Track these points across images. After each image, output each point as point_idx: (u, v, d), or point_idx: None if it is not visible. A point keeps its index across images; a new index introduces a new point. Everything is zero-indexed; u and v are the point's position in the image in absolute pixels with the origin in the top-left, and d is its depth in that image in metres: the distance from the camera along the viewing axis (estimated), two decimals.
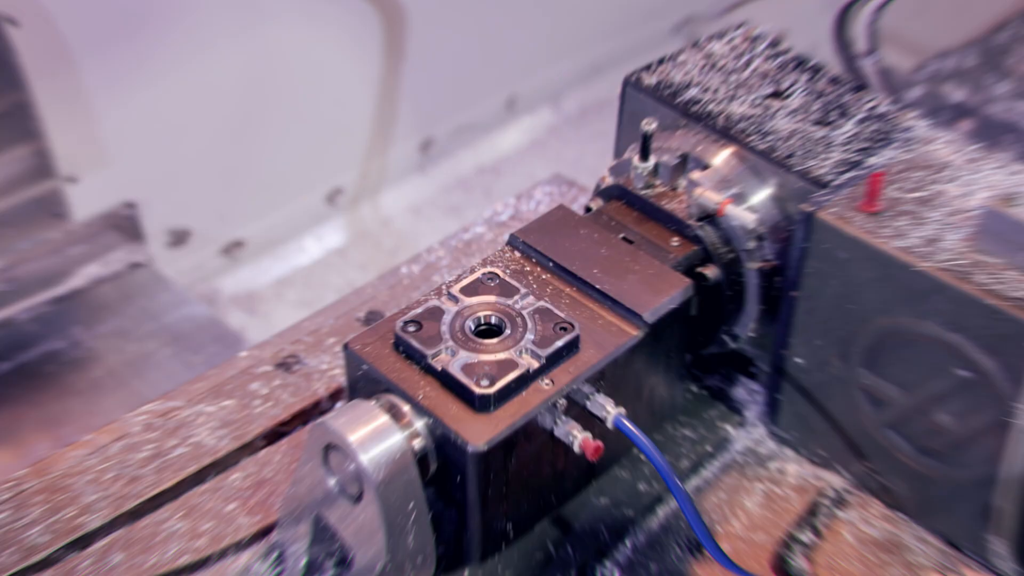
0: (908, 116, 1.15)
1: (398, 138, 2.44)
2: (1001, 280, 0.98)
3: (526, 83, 2.60)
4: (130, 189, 2.04)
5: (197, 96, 2.06)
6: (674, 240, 1.14)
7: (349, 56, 2.28)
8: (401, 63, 2.36)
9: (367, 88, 2.35)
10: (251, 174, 2.23)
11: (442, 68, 2.43)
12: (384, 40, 2.31)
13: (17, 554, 1.13)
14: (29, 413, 1.76)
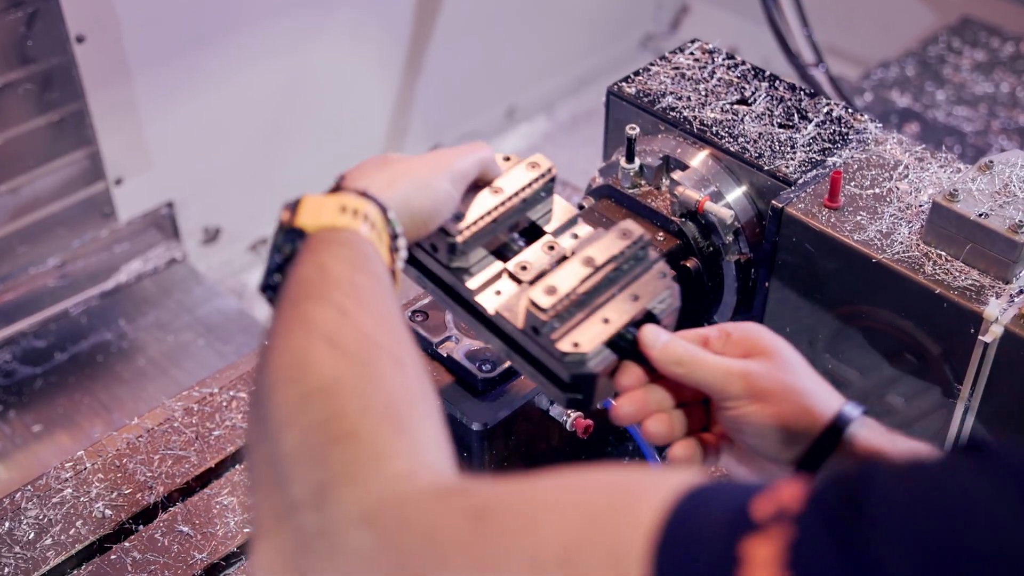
0: (861, 119, 1.15)
1: (410, 143, 2.45)
2: (947, 271, 0.98)
3: (523, 95, 2.62)
4: (169, 190, 2.05)
5: (234, 106, 2.07)
6: (659, 235, 1.14)
7: (374, 72, 2.30)
8: (417, 78, 2.37)
9: (385, 100, 2.36)
10: (279, 177, 2.24)
11: (450, 82, 2.44)
12: (406, 58, 2.33)
13: (87, 525, 1.14)
14: (83, 399, 1.77)
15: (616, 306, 0.83)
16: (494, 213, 0.87)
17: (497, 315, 0.85)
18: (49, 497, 1.17)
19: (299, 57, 2.12)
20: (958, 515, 0.45)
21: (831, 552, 0.45)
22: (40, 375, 1.80)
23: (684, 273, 1.13)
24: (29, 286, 1.91)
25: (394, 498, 0.58)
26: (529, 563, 0.52)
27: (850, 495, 0.47)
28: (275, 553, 0.61)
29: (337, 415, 0.62)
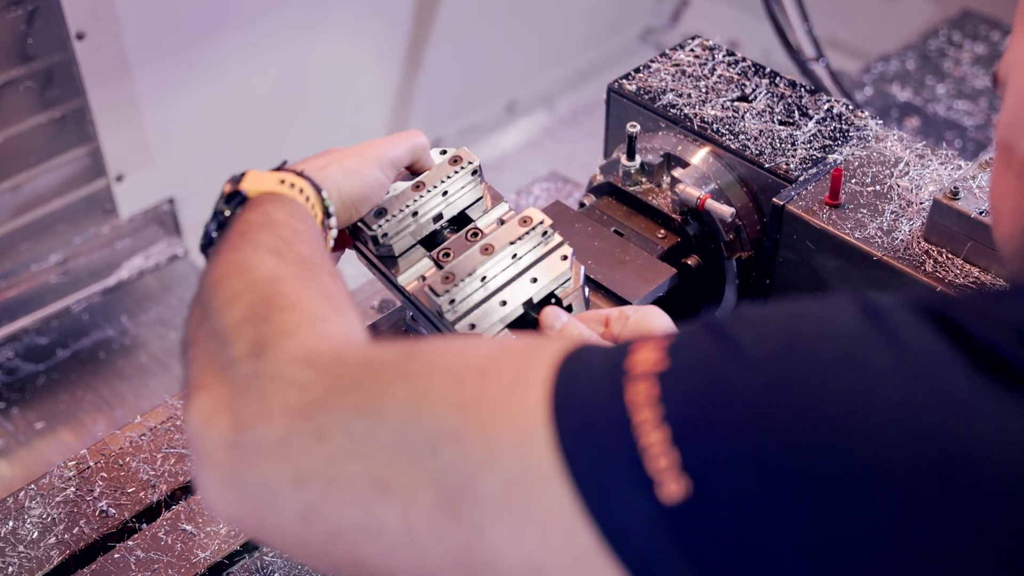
0: (862, 116, 1.15)
1: None
2: (948, 268, 0.98)
3: (524, 89, 2.61)
4: (171, 186, 2.04)
5: (235, 102, 2.07)
6: (660, 232, 1.14)
7: (374, 67, 2.30)
8: (417, 73, 2.37)
9: (385, 94, 2.36)
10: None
11: (451, 77, 2.44)
12: (406, 53, 2.32)
13: (91, 524, 1.14)
14: (86, 396, 1.77)
15: (515, 289, 0.89)
16: (413, 205, 0.94)
17: (415, 297, 0.92)
18: (52, 496, 1.17)
19: (299, 52, 2.11)
20: (814, 322, 0.53)
21: (703, 338, 0.53)
22: (42, 372, 1.80)
23: (685, 270, 1.13)
24: (31, 283, 1.91)
25: (331, 346, 0.64)
26: (449, 371, 0.59)
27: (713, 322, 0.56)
28: (209, 402, 0.64)
29: (280, 293, 0.69)
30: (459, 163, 0.96)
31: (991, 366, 0.49)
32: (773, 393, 0.50)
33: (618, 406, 0.52)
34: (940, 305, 0.52)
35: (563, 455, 0.52)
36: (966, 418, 0.48)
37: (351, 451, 0.58)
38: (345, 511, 0.59)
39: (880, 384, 0.49)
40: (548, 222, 0.92)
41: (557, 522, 0.52)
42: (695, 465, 0.49)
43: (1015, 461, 0.46)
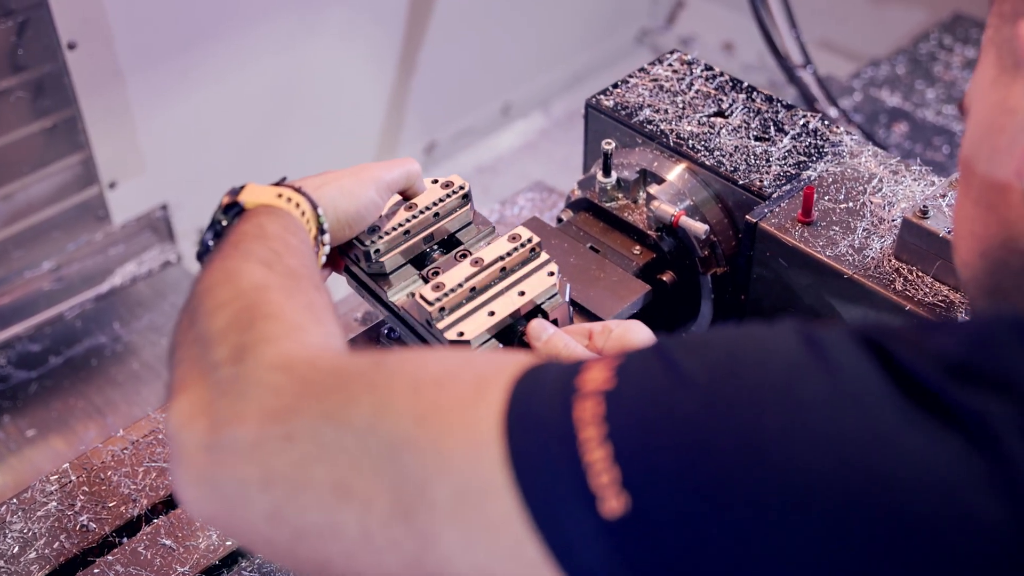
0: (837, 131, 1.15)
1: (405, 141, 2.45)
2: (917, 287, 0.98)
3: (519, 92, 2.61)
4: (163, 193, 2.05)
5: (228, 108, 2.08)
6: (636, 249, 1.15)
7: (368, 70, 2.30)
8: (412, 76, 2.37)
9: (379, 98, 2.36)
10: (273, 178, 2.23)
11: (446, 79, 2.44)
12: (400, 56, 2.33)
13: (71, 539, 1.15)
14: (77, 403, 1.79)
15: (503, 300, 0.93)
16: (406, 225, 0.98)
17: (403, 310, 0.96)
18: (34, 511, 1.18)
19: (292, 57, 2.12)
20: (755, 349, 0.54)
21: (651, 360, 0.55)
22: (35, 379, 1.81)
23: (660, 287, 1.13)
24: (24, 290, 1.92)
25: (308, 354, 0.67)
26: (411, 382, 0.61)
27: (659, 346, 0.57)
28: (189, 403, 0.66)
29: (264, 302, 0.72)
30: (450, 187, 1.00)
31: (918, 397, 0.50)
32: (710, 416, 0.52)
33: (566, 423, 0.54)
34: (878, 335, 0.54)
35: (513, 468, 0.54)
36: (890, 448, 0.49)
37: (317, 455, 0.61)
38: (309, 513, 0.61)
39: (812, 412, 0.51)
40: (536, 240, 0.96)
41: (506, 533, 0.54)
42: (634, 482, 0.51)
43: (933, 492, 0.48)
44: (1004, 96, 0.61)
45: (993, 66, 0.63)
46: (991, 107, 0.63)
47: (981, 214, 0.64)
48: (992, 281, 0.64)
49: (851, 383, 0.51)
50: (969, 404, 0.49)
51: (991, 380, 0.50)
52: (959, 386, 0.50)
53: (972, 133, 0.65)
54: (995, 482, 0.47)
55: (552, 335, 0.92)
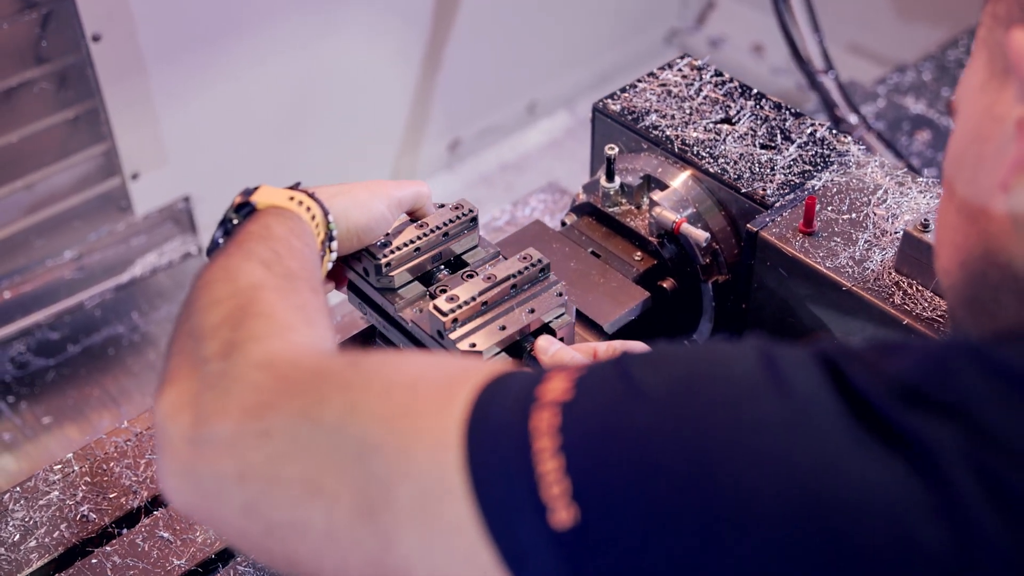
0: (845, 141, 1.14)
1: (429, 138, 2.46)
2: (916, 301, 0.97)
3: (545, 90, 2.61)
4: (186, 185, 2.07)
5: (251, 101, 2.09)
6: (637, 255, 1.14)
7: (393, 66, 2.30)
8: (437, 73, 2.37)
9: (403, 94, 2.37)
10: (295, 170, 2.25)
11: (471, 77, 2.44)
12: (425, 54, 2.33)
13: (72, 528, 1.16)
14: (93, 392, 1.81)
15: (513, 316, 0.96)
16: (417, 242, 1.00)
17: (412, 324, 0.98)
18: (36, 499, 1.19)
19: (316, 51, 2.13)
20: (712, 367, 0.54)
21: (610, 372, 0.55)
22: (52, 367, 1.83)
23: (660, 293, 1.13)
24: (46, 278, 1.95)
25: (292, 354, 0.68)
26: (383, 384, 0.62)
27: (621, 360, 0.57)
28: (177, 395, 0.68)
29: (258, 300, 0.73)
30: (460, 209, 1.04)
31: (869, 420, 0.50)
32: (661, 433, 0.52)
33: (522, 431, 0.54)
34: (836, 356, 0.53)
35: (471, 474, 0.55)
36: (836, 472, 0.49)
37: (290, 452, 0.62)
38: (280, 509, 0.62)
39: (761, 433, 0.50)
40: (546, 261, 0.99)
41: (462, 539, 0.54)
42: (584, 495, 0.51)
43: (877, 518, 0.47)
44: (992, 102, 0.60)
45: (984, 68, 0.61)
46: (979, 113, 0.61)
47: (962, 224, 0.62)
48: (970, 292, 0.63)
49: (802, 404, 0.51)
50: (917, 430, 0.48)
51: (942, 406, 0.49)
52: (909, 411, 0.49)
53: (958, 139, 0.63)
54: (938, 510, 0.46)
55: (558, 350, 0.94)
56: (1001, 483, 0.46)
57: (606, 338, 1.06)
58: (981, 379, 0.50)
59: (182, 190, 2.07)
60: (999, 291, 0.60)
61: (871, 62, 2.43)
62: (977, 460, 0.47)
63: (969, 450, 0.47)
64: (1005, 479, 0.46)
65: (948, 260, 0.65)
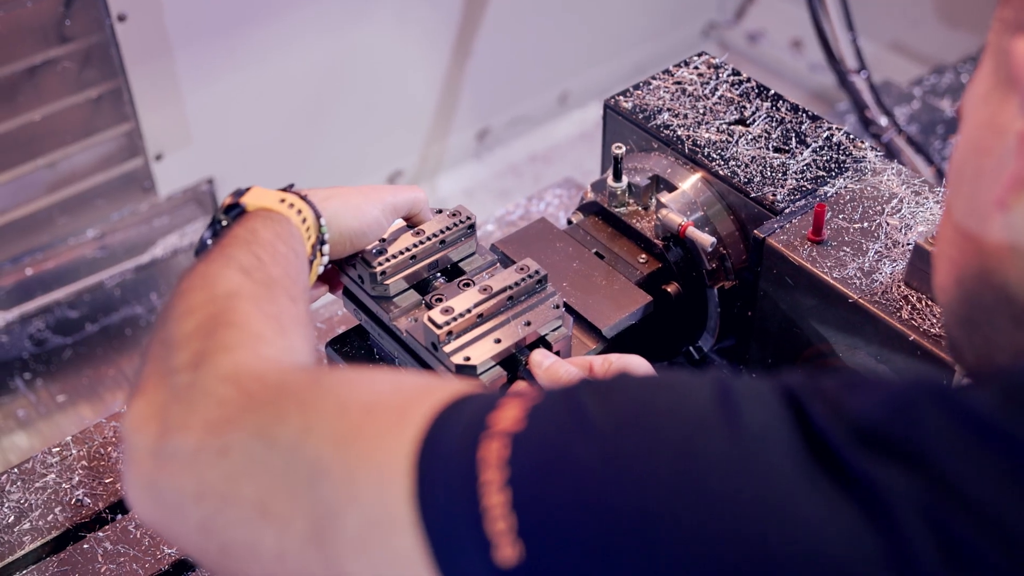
0: (862, 146, 1.10)
1: (457, 127, 2.44)
2: (924, 316, 0.94)
3: (578, 80, 2.57)
4: (210, 167, 2.07)
5: (277, 84, 2.08)
6: (641, 257, 1.11)
7: (422, 53, 2.28)
8: (467, 61, 2.35)
9: (432, 81, 2.35)
10: (320, 155, 2.25)
11: (502, 65, 2.42)
12: (455, 41, 2.31)
13: (66, 512, 1.16)
14: (108, 372, 1.81)
15: (509, 329, 0.94)
16: (413, 250, 0.98)
17: (407, 334, 0.96)
18: (33, 481, 1.19)
19: (344, 36, 2.11)
20: (665, 400, 0.53)
21: (561, 404, 0.54)
22: (70, 345, 1.84)
23: (664, 298, 1.10)
24: (68, 256, 1.95)
25: (260, 367, 0.67)
26: (339, 405, 0.60)
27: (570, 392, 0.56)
28: (146, 406, 0.67)
29: (232, 310, 0.71)
30: (457, 216, 1.02)
31: (825, 461, 0.48)
32: (607, 469, 0.50)
33: (470, 462, 0.52)
34: (800, 391, 0.51)
35: (418, 504, 0.53)
36: (783, 516, 0.46)
37: (246, 471, 0.61)
38: (234, 529, 0.61)
39: (708, 471, 0.48)
40: (543, 272, 0.97)
41: (408, 570, 0.53)
42: (529, 532, 0.49)
43: (824, 567, 0.45)
44: (995, 113, 0.56)
45: (990, 76, 0.58)
46: (981, 124, 0.57)
47: (959, 240, 0.59)
48: (965, 312, 0.60)
49: (754, 442, 0.48)
50: (873, 475, 0.45)
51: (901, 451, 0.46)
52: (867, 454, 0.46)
53: (959, 150, 0.60)
54: (888, 561, 0.43)
55: (553, 363, 0.92)
56: (954, 536, 0.44)
57: (605, 342, 1.04)
58: (944, 425, 0.47)
59: (206, 172, 2.07)
60: (994, 313, 0.57)
61: (914, 62, 2.37)
62: (932, 511, 0.44)
63: (925, 500, 0.44)
64: (959, 533, 0.44)
65: (944, 276, 0.62)
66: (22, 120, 1.77)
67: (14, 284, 1.91)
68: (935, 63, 2.22)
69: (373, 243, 0.97)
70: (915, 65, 2.37)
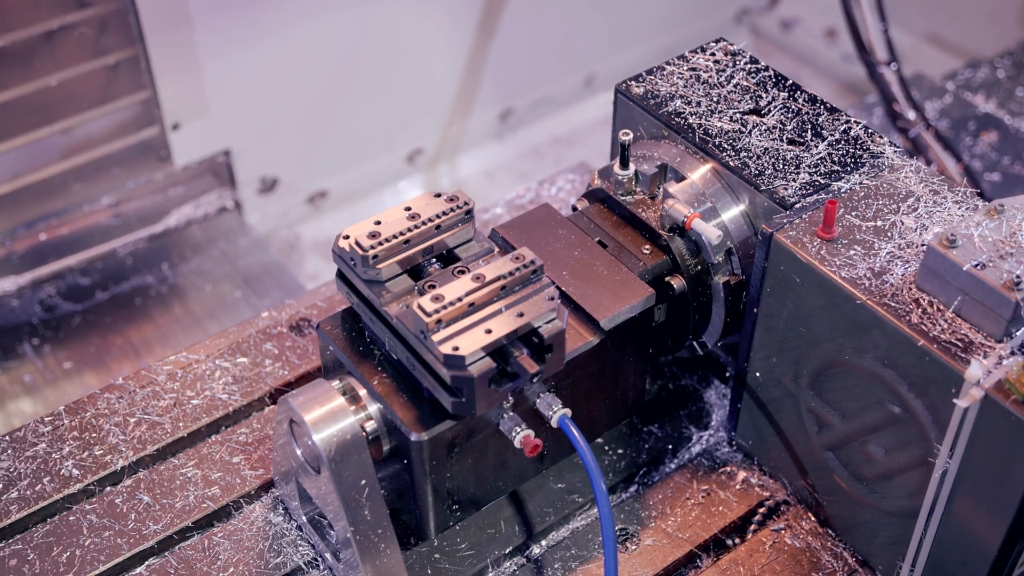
0: (880, 141, 1.05)
1: (480, 107, 2.40)
2: (935, 321, 0.89)
3: (605, 63, 2.52)
4: (227, 138, 2.04)
5: (298, 57, 2.05)
6: (646, 248, 1.08)
7: (445, 31, 2.24)
8: (490, 40, 2.31)
9: (454, 60, 2.31)
10: (340, 131, 2.22)
11: (527, 45, 2.37)
12: (479, 19, 2.26)
13: (54, 483, 1.14)
14: (116, 340, 1.79)
15: (501, 320, 0.90)
16: (407, 234, 0.95)
17: (397, 320, 0.93)
18: (24, 450, 1.18)
19: (367, 11, 2.08)
20: None
21: None
22: (79, 312, 1.83)
23: (667, 290, 1.06)
24: (82, 223, 1.94)
25: None
26: None
27: None
28: None
29: None
30: (455, 202, 0.99)
31: None
32: None
33: None
34: None
35: None
36: None
37: None
38: None
39: None
40: (539, 262, 0.94)
41: None
42: None
43: None
44: None
45: None
46: None
47: None
48: None
49: None
50: None
51: None
52: None
53: None
54: None
55: None
56: None
57: (602, 334, 1.00)
58: None
59: (223, 143, 2.05)
60: None
61: (950, 55, 2.30)
62: None
63: None
64: None
65: None
66: (38, 85, 1.75)
67: (27, 249, 1.90)
68: (971, 56, 2.15)
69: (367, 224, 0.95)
70: (951, 58, 2.31)
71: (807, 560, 1.05)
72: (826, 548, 1.06)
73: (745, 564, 1.05)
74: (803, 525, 1.07)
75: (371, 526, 0.98)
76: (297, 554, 1.08)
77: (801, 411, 1.04)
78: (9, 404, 1.72)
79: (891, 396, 0.94)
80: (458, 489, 1.00)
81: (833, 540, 1.06)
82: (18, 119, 1.77)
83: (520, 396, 0.97)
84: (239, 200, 2.09)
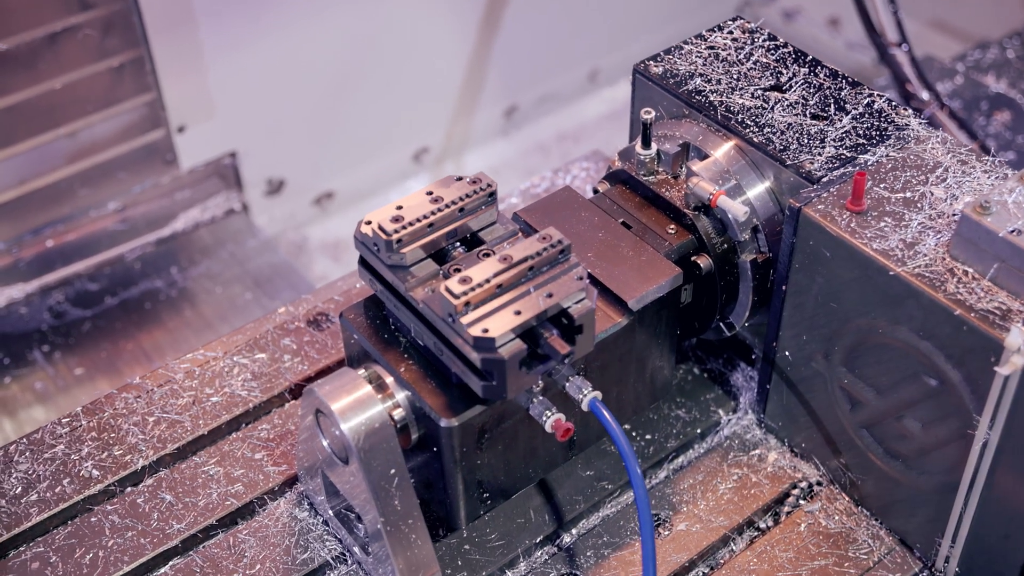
0: (905, 113, 1.04)
1: (484, 104, 2.38)
2: (971, 290, 0.88)
3: (608, 58, 2.52)
4: (233, 140, 2.03)
5: (302, 57, 2.04)
6: (670, 228, 1.06)
7: (449, 28, 2.23)
8: (494, 36, 2.29)
9: (459, 56, 2.29)
10: (345, 131, 2.20)
11: (531, 41, 2.36)
12: (483, 15, 2.25)
13: (74, 484, 1.13)
14: (127, 346, 1.78)
15: (530, 301, 0.89)
16: (431, 218, 0.94)
17: (423, 305, 0.92)
18: (42, 452, 1.16)
19: (371, 9, 2.07)
20: None
21: None
22: (89, 318, 1.81)
23: (694, 270, 1.05)
24: (89, 228, 1.92)
25: None
26: None
27: None
28: None
29: None
30: (478, 184, 0.97)
31: None
32: None
33: None
34: None
35: None
36: None
37: None
38: None
39: None
40: (567, 242, 0.92)
41: None
42: None
43: None
44: None
45: None
46: None
47: None
48: None
49: None
50: None
51: None
52: None
53: None
54: None
55: None
56: None
57: (631, 315, 0.99)
58: None
59: (229, 145, 2.03)
60: None
61: (955, 39, 2.29)
62: None
63: None
64: None
65: None
66: (42, 88, 1.74)
67: (35, 256, 1.88)
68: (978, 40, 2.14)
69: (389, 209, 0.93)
70: (956, 43, 2.29)
71: (843, 540, 1.03)
72: (862, 528, 1.04)
73: (780, 546, 1.03)
74: (837, 506, 1.06)
75: (402, 517, 0.96)
76: (324, 549, 1.06)
77: (833, 389, 1.02)
78: (21, 412, 1.70)
79: (927, 369, 0.92)
80: (488, 477, 0.99)
81: (868, 520, 1.04)
82: (23, 123, 1.76)
83: (549, 380, 0.96)
84: (246, 202, 2.07)
